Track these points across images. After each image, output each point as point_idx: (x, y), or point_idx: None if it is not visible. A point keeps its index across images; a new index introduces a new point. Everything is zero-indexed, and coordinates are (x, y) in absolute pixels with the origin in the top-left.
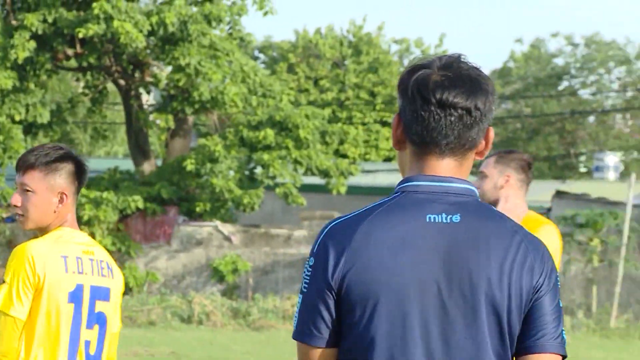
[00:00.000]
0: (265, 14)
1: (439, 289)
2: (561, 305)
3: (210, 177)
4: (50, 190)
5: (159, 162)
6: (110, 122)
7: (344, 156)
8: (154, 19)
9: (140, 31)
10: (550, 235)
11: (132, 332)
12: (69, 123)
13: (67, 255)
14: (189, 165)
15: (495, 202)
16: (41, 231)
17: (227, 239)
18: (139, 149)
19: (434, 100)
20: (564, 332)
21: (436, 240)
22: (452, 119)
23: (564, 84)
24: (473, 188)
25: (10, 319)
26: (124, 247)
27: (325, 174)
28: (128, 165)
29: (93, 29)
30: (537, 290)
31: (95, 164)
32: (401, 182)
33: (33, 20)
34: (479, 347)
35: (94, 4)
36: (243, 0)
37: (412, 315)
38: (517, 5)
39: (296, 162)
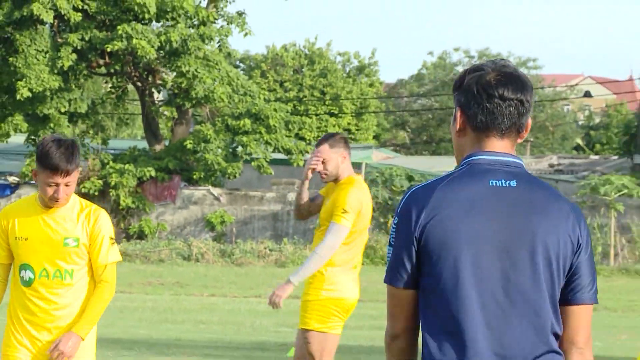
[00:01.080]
0: (245, 35)
1: (498, 238)
2: (594, 259)
3: (204, 154)
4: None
5: (167, 143)
6: (131, 113)
7: (302, 139)
8: (162, 38)
9: (152, 47)
10: (357, 189)
11: (146, 267)
12: (100, 114)
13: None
14: (188, 144)
15: (338, 177)
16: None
17: (217, 198)
18: (151, 133)
19: (497, 95)
20: (595, 286)
21: (498, 199)
22: (511, 109)
23: None
24: (522, 162)
25: None
26: (141, 205)
27: (288, 151)
28: (144, 145)
29: (118, 45)
30: (579, 246)
31: (119, 144)
32: (466, 157)
33: (74, 38)
34: (539, 290)
35: (119, 27)
36: (229, 24)
37: (478, 261)
38: (429, 25)
39: (267, 143)
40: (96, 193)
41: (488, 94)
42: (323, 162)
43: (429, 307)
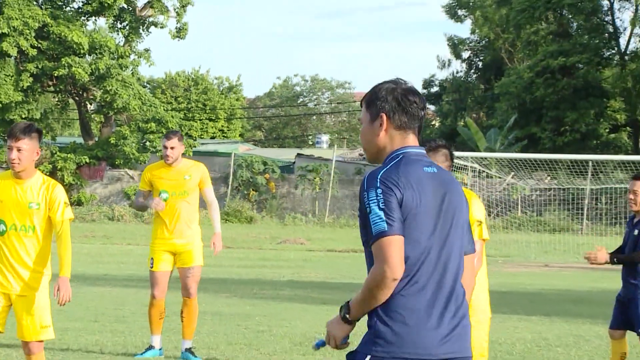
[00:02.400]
0: (150, 65)
1: (438, 208)
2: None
3: (123, 147)
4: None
5: (96, 139)
6: (71, 119)
7: (190, 136)
8: (93, 66)
9: (86, 72)
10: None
11: (83, 225)
12: (50, 119)
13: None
14: (112, 140)
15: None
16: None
17: (132, 177)
18: (86, 132)
19: (415, 102)
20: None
21: (430, 181)
22: (422, 112)
23: (300, 100)
24: (430, 160)
25: None
26: (79, 182)
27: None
28: (80, 140)
29: (62, 72)
30: (467, 212)
31: (63, 140)
32: (396, 150)
33: (31, 67)
34: (457, 243)
35: (62, 59)
36: (139, 57)
37: (430, 227)
38: (278, 57)
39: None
40: (47, 174)
41: (409, 101)
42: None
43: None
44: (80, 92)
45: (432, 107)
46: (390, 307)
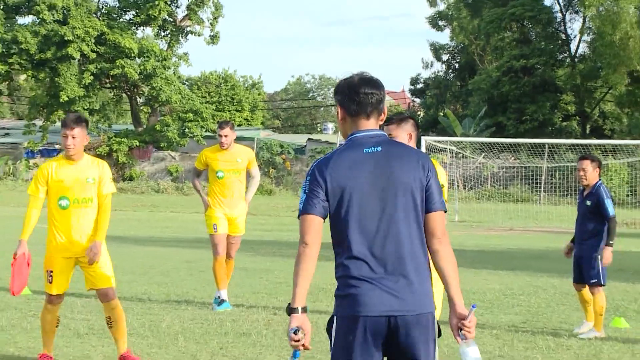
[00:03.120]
0: (188, 66)
1: (375, 184)
2: (439, 184)
3: (166, 133)
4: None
5: (145, 126)
6: (124, 110)
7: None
8: (142, 67)
9: (136, 72)
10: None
11: (134, 196)
12: (107, 110)
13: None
14: (157, 127)
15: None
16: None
17: (173, 158)
18: (136, 120)
19: (365, 90)
20: (442, 199)
21: (369, 161)
22: (375, 98)
23: (310, 95)
24: (384, 133)
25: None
26: (131, 161)
27: (213, 131)
28: (132, 127)
29: (117, 71)
30: (428, 180)
31: (118, 127)
32: (349, 136)
33: (91, 67)
34: (405, 209)
35: (117, 61)
36: (179, 60)
37: (363, 201)
38: (292, 59)
39: (201, 127)
40: (105, 154)
41: (355, 91)
42: (228, 137)
43: (334, 234)
44: (131, 88)
45: (417, 100)
46: (338, 275)
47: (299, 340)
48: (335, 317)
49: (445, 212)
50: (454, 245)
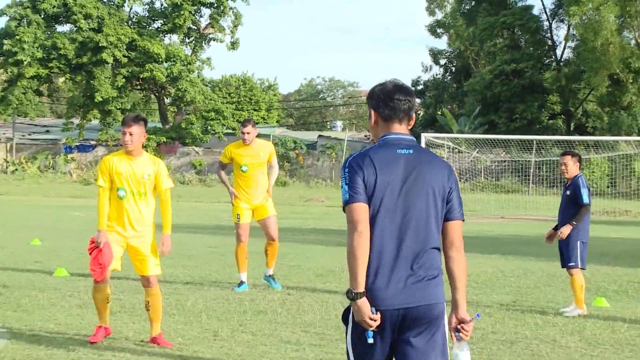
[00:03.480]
0: (211, 69)
1: (403, 183)
2: (460, 196)
3: (191, 130)
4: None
5: (171, 124)
6: (153, 109)
7: (240, 122)
8: (169, 70)
9: (163, 75)
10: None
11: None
12: (137, 109)
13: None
14: (183, 125)
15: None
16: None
17: (197, 153)
18: (163, 119)
19: (399, 97)
20: (462, 209)
21: (401, 162)
22: (407, 105)
23: (321, 96)
24: (413, 138)
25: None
26: (159, 156)
27: (233, 129)
28: (159, 125)
29: (146, 74)
30: (450, 188)
31: (149, 125)
32: (382, 137)
33: (123, 71)
34: (425, 214)
35: (146, 65)
36: (202, 64)
37: (393, 198)
38: (303, 63)
39: (222, 124)
40: None
41: (390, 97)
42: (250, 134)
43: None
44: (159, 90)
45: (418, 100)
46: None
47: (376, 320)
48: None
49: (463, 221)
50: None
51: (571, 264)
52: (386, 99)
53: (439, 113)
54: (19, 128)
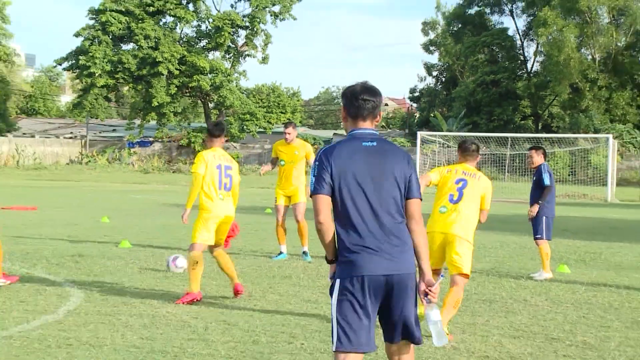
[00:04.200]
0: (246, 80)
1: (368, 172)
2: (418, 177)
3: (230, 129)
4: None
5: None
6: (199, 112)
7: (270, 122)
8: (212, 81)
9: (208, 85)
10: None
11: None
12: (187, 112)
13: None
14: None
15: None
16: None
17: (235, 147)
18: (208, 120)
19: (364, 97)
20: (420, 190)
21: (365, 152)
22: (371, 104)
23: (336, 101)
24: (377, 132)
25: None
26: (204, 148)
27: (264, 128)
28: (204, 125)
29: (194, 84)
30: (410, 174)
31: (195, 125)
32: (350, 132)
33: (175, 81)
34: (391, 194)
35: (194, 77)
36: (239, 75)
37: (360, 184)
38: (322, 73)
39: (256, 124)
40: (185, 144)
41: (356, 97)
42: (290, 134)
43: (335, 209)
44: (204, 96)
45: (415, 105)
46: (339, 244)
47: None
48: (338, 280)
49: (421, 200)
50: None
51: (538, 236)
52: (352, 99)
53: (432, 115)
54: (91, 127)
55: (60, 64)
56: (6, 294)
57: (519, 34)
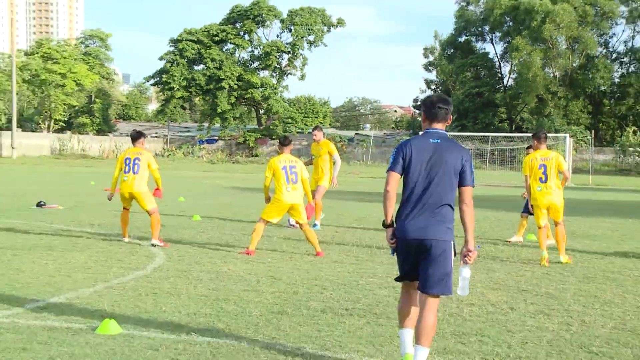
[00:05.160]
0: (288, 92)
1: (429, 161)
2: (473, 170)
3: (275, 130)
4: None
5: (263, 126)
6: (253, 117)
7: (307, 125)
8: (263, 93)
9: (259, 96)
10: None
11: (260, 166)
12: (243, 117)
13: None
14: (271, 127)
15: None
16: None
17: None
18: (260, 123)
19: (439, 104)
20: (474, 179)
21: (431, 147)
22: (442, 110)
23: (356, 108)
24: (445, 132)
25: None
26: (257, 146)
27: (302, 129)
28: (256, 126)
29: (249, 96)
30: (463, 165)
31: (250, 126)
32: (425, 130)
33: (235, 93)
34: (443, 180)
35: (248, 90)
36: (283, 89)
37: (422, 170)
38: (346, 87)
39: (295, 126)
40: (242, 142)
41: (432, 105)
42: (316, 135)
43: (404, 186)
44: (256, 105)
45: (417, 111)
46: (398, 209)
47: (394, 243)
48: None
49: (473, 187)
50: None
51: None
52: (430, 106)
53: None
54: (171, 129)
55: (148, 81)
56: (108, 254)
57: (497, 57)
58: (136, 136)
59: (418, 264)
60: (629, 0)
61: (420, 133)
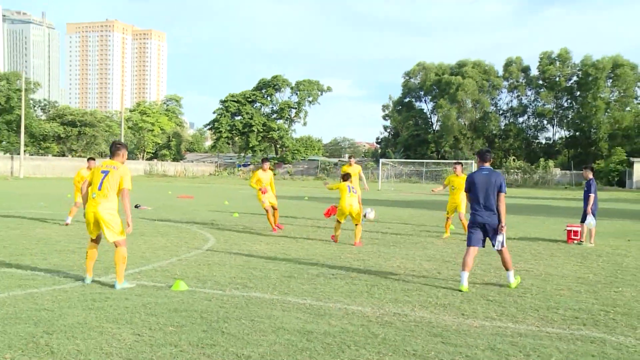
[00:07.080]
0: (295, 133)
1: (483, 183)
2: (503, 184)
3: (287, 157)
4: None
5: (278, 154)
6: (271, 149)
7: (306, 154)
8: (279, 134)
9: (277, 136)
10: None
11: (277, 180)
12: (264, 149)
13: None
14: (284, 155)
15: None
16: None
17: (290, 167)
18: (275, 152)
19: (487, 153)
20: (505, 188)
21: (483, 176)
22: (487, 156)
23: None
24: (490, 167)
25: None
26: (275, 169)
27: (304, 157)
28: (273, 155)
29: (269, 136)
30: (501, 184)
31: (270, 156)
32: (480, 167)
33: (260, 134)
34: (491, 193)
35: (270, 132)
36: (292, 131)
37: (479, 192)
38: (335, 129)
39: (300, 155)
40: (258, 168)
41: (482, 155)
42: (352, 160)
43: (469, 199)
44: (275, 142)
45: (379, 145)
46: (471, 211)
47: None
48: (470, 222)
49: (505, 194)
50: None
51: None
52: (481, 155)
53: (387, 151)
54: (220, 157)
55: (205, 127)
56: (178, 237)
57: (429, 112)
58: (266, 161)
59: (486, 235)
60: (508, 77)
61: (476, 169)
